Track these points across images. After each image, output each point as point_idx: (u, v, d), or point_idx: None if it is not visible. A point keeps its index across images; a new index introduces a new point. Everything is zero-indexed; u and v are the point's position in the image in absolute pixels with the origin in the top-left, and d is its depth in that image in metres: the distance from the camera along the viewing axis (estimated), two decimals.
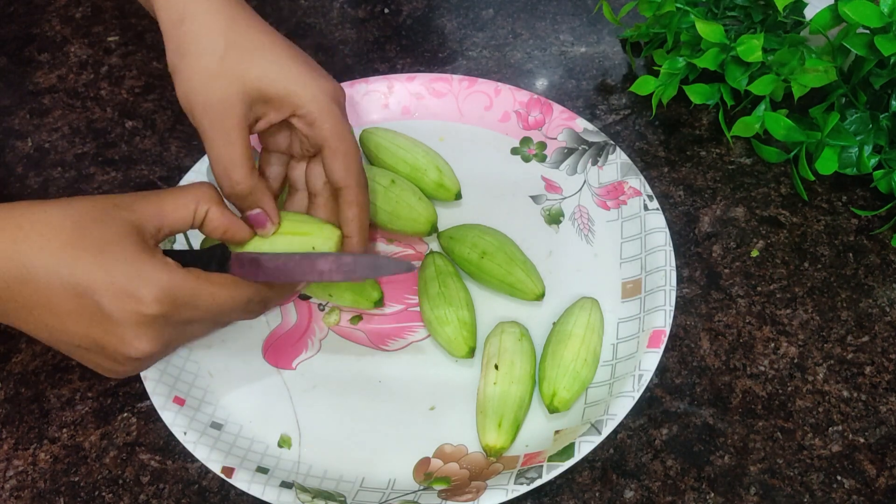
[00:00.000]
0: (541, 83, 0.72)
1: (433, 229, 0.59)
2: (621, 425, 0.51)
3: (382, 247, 0.60)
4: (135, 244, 0.41)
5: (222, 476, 0.48)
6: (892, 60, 0.57)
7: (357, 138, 0.56)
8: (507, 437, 0.49)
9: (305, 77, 0.48)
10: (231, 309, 0.44)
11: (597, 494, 0.49)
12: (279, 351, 0.55)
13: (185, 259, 0.44)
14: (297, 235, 0.49)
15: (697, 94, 0.66)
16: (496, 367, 0.51)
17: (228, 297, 0.44)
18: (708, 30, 0.62)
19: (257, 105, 0.48)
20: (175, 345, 0.44)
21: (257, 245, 0.49)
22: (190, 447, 0.49)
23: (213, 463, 0.48)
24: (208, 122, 0.46)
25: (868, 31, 0.57)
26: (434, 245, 0.60)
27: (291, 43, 0.49)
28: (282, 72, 0.47)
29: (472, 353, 0.53)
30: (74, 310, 0.40)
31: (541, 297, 0.55)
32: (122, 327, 0.40)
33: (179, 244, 0.59)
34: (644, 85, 0.67)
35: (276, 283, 0.47)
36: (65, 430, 0.53)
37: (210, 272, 0.44)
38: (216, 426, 0.51)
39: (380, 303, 0.56)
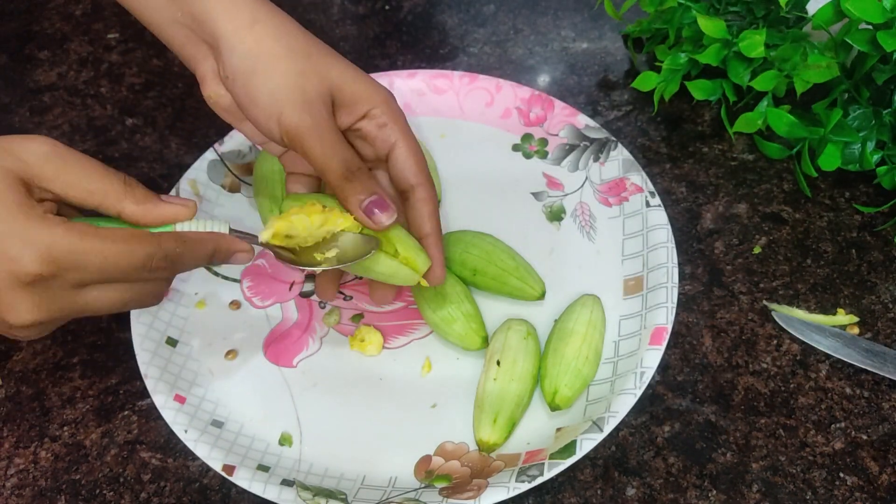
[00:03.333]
0: (542, 79, 0.71)
1: None
2: (623, 423, 0.51)
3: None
4: (15, 197, 0.37)
5: (223, 474, 0.48)
6: (894, 56, 0.57)
7: None
8: (501, 433, 0.49)
9: (373, 83, 0.48)
10: (129, 267, 0.39)
11: (598, 492, 0.49)
12: (280, 349, 0.55)
13: None
14: (386, 255, 0.47)
15: (699, 90, 0.66)
16: (498, 363, 0.51)
17: (121, 252, 0.39)
18: (710, 25, 0.61)
19: (337, 106, 0.47)
20: (70, 312, 0.40)
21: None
22: (191, 445, 0.49)
23: (214, 461, 0.48)
24: (310, 117, 0.45)
25: (871, 27, 0.56)
26: None
27: None
28: (356, 74, 0.48)
29: (486, 341, 0.53)
30: None
31: (541, 296, 0.55)
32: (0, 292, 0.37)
33: None
34: (646, 81, 0.67)
35: (185, 236, 0.42)
36: (66, 428, 0.53)
37: (104, 227, 0.39)
38: (217, 424, 0.51)
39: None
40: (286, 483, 0.48)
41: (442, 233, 0.50)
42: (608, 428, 0.48)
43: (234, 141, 0.64)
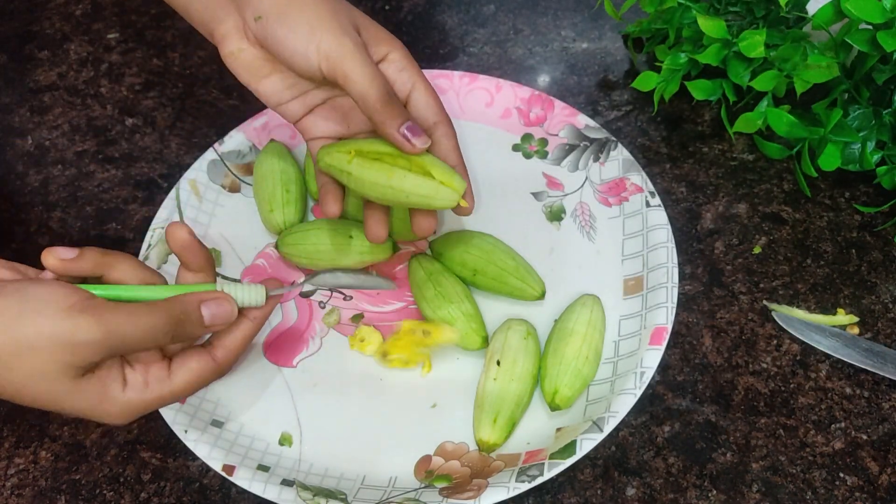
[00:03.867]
0: (542, 79, 0.71)
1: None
2: (623, 423, 0.51)
3: None
4: (90, 397, 0.40)
5: (223, 474, 0.48)
6: (894, 56, 0.57)
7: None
8: (501, 433, 0.49)
9: (389, 32, 0.51)
10: (200, 389, 0.44)
11: (598, 492, 0.49)
12: (280, 349, 0.55)
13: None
14: (425, 177, 0.48)
15: (699, 90, 0.66)
16: (498, 363, 0.51)
17: (192, 390, 0.43)
18: (710, 25, 0.61)
19: (364, 40, 0.49)
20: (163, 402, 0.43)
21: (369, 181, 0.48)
22: (191, 445, 0.49)
23: (214, 461, 0.48)
24: (350, 41, 0.46)
25: (871, 27, 0.56)
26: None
27: None
28: (374, 22, 0.50)
29: (486, 341, 0.53)
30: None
31: (541, 296, 0.55)
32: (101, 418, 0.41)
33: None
34: (646, 81, 0.67)
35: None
36: (66, 428, 0.53)
37: (169, 377, 0.42)
38: (217, 424, 0.51)
39: (396, 247, 0.57)
40: (286, 483, 0.48)
41: (464, 165, 0.51)
42: (608, 428, 0.48)
43: (234, 141, 0.64)
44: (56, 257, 0.40)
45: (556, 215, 0.61)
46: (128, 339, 0.39)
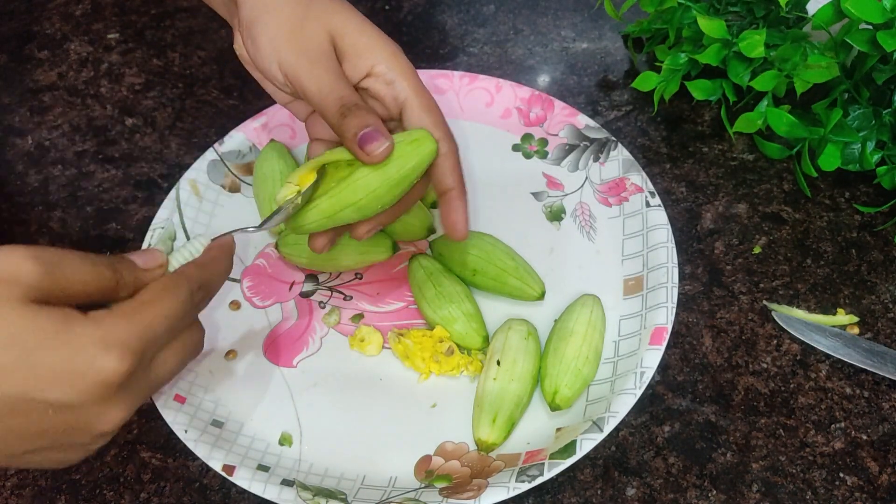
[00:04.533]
0: (542, 79, 0.71)
1: (430, 231, 0.59)
2: (623, 423, 0.51)
3: None
4: (52, 318, 0.33)
5: (223, 474, 0.48)
6: (894, 56, 0.57)
7: None
8: (500, 433, 0.49)
9: (380, 35, 0.47)
10: (183, 311, 0.38)
11: (598, 492, 0.49)
12: (280, 349, 0.55)
13: None
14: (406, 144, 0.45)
15: (699, 90, 0.66)
16: (498, 362, 0.51)
17: (173, 302, 0.37)
18: (710, 25, 0.61)
19: (339, 51, 0.46)
20: (148, 393, 0.38)
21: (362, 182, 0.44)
22: (191, 445, 0.49)
23: (214, 461, 0.48)
24: (307, 60, 0.45)
25: (871, 27, 0.56)
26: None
27: None
28: (362, 26, 0.47)
29: (486, 341, 0.54)
30: (18, 423, 0.34)
31: (541, 296, 0.55)
32: (85, 409, 0.34)
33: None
34: (646, 81, 0.67)
35: (198, 260, 0.41)
36: None
37: (143, 294, 0.37)
38: (217, 424, 0.51)
39: (396, 247, 0.56)
40: (286, 483, 0.48)
41: (465, 186, 0.48)
42: (608, 428, 0.48)
43: (234, 141, 0.64)
44: None
45: (556, 215, 0.61)
46: (66, 268, 0.34)
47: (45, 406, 0.33)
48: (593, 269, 0.58)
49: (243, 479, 0.47)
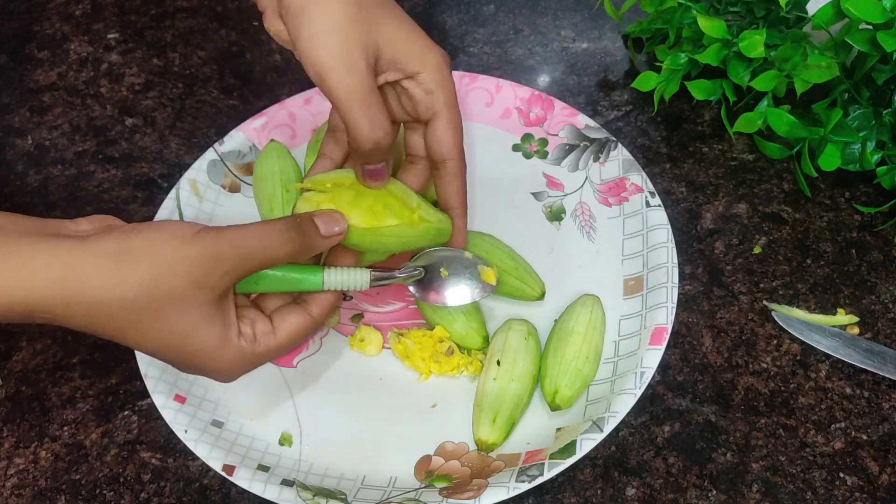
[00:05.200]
0: (542, 79, 0.71)
1: None
2: (623, 423, 0.51)
3: None
4: (212, 336, 0.41)
5: (223, 474, 0.48)
6: (894, 56, 0.57)
7: None
8: (500, 433, 0.49)
9: (428, 42, 0.47)
10: (299, 342, 0.46)
11: (598, 492, 0.49)
12: None
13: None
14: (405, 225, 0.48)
15: (699, 90, 0.66)
16: (498, 362, 0.51)
17: (292, 343, 0.45)
18: (710, 25, 0.61)
19: (383, 61, 0.45)
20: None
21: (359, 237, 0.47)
22: (191, 445, 0.49)
23: (214, 461, 0.48)
24: (346, 67, 0.42)
25: (870, 27, 0.56)
26: None
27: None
28: (410, 33, 0.46)
29: (486, 341, 0.53)
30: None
31: (541, 297, 0.55)
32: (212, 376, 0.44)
33: None
34: (646, 81, 0.67)
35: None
36: (66, 428, 0.53)
37: (274, 333, 0.45)
38: (217, 424, 0.51)
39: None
40: (286, 483, 0.48)
41: (466, 205, 0.51)
42: (608, 428, 0.48)
43: (234, 141, 0.64)
44: None
45: (556, 215, 0.61)
46: (252, 250, 0.41)
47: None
48: (593, 269, 0.58)
49: (243, 479, 0.47)
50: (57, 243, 0.38)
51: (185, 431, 0.49)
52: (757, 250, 0.59)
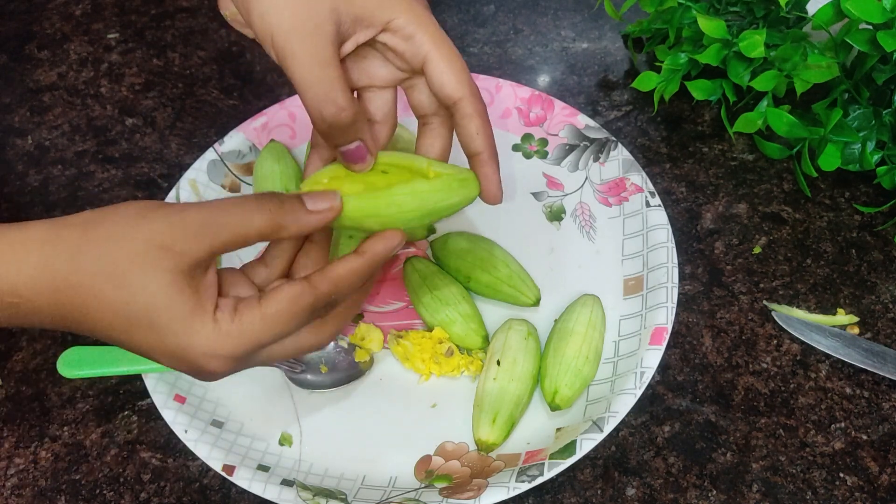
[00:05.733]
0: (542, 79, 0.71)
1: (430, 231, 0.59)
2: (623, 423, 0.51)
3: None
4: (182, 306, 0.36)
5: (223, 474, 0.48)
6: (894, 56, 0.57)
7: None
8: (500, 433, 0.49)
9: None
10: (298, 327, 0.39)
11: (599, 492, 0.49)
12: None
13: None
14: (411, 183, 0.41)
15: (699, 90, 0.66)
16: (498, 362, 0.51)
17: (289, 324, 0.39)
18: (710, 25, 0.61)
19: (345, 23, 0.41)
20: (253, 366, 0.41)
21: (361, 207, 0.40)
22: (191, 445, 0.49)
23: (214, 461, 0.48)
24: (297, 42, 0.39)
25: (870, 27, 0.56)
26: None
27: None
28: None
29: (486, 341, 0.53)
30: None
31: (536, 303, 0.55)
32: (190, 373, 0.39)
33: None
34: (646, 81, 0.67)
35: (341, 278, 0.40)
36: (66, 428, 0.53)
37: (259, 302, 0.38)
38: (217, 424, 0.51)
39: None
40: (286, 483, 0.48)
41: (495, 148, 0.44)
42: (608, 428, 0.48)
43: (234, 141, 0.64)
44: None
45: (556, 215, 0.61)
46: (223, 213, 0.37)
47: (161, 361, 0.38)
48: (593, 269, 0.58)
49: (243, 479, 0.47)
50: (32, 224, 0.36)
51: (185, 431, 0.49)
52: (757, 250, 0.59)
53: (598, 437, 0.47)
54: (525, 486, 0.46)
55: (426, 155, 0.46)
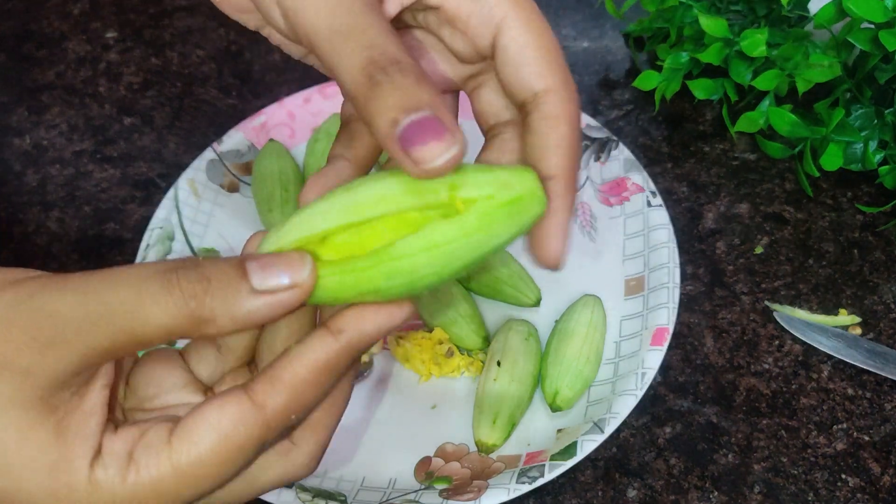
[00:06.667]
0: None
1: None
2: (624, 424, 0.51)
3: None
4: (40, 455, 0.24)
5: None
6: None
7: None
8: (500, 434, 0.49)
9: None
10: (242, 467, 0.26)
11: (599, 493, 0.49)
12: None
13: None
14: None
15: (701, 89, 0.66)
16: (498, 363, 0.51)
17: (225, 470, 0.25)
18: (711, 24, 0.61)
19: None
20: None
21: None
22: None
23: None
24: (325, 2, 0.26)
25: (873, 26, 0.56)
26: None
27: None
28: None
29: (487, 341, 0.53)
30: None
31: (536, 303, 0.55)
32: None
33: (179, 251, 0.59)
34: (647, 80, 0.67)
35: (306, 385, 0.26)
36: None
37: (169, 440, 0.25)
38: None
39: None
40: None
41: (576, 177, 0.29)
42: (609, 429, 0.47)
43: (233, 140, 0.64)
44: None
45: None
46: (109, 302, 0.23)
47: None
48: (594, 270, 0.58)
49: None
50: None
51: None
52: (758, 250, 0.59)
53: (600, 439, 0.47)
54: (526, 488, 0.46)
55: None
